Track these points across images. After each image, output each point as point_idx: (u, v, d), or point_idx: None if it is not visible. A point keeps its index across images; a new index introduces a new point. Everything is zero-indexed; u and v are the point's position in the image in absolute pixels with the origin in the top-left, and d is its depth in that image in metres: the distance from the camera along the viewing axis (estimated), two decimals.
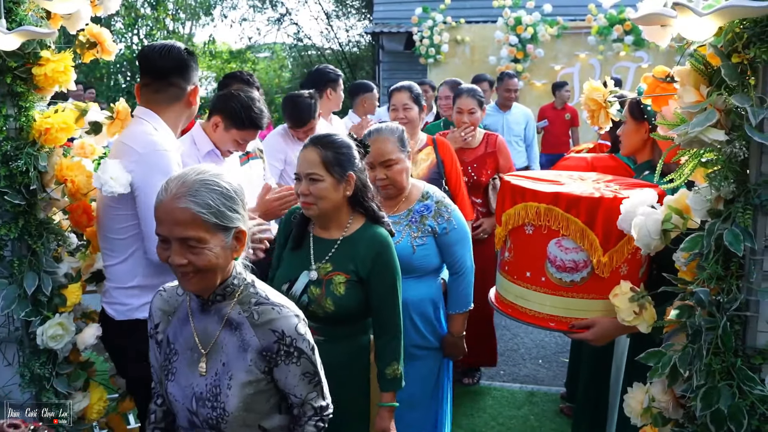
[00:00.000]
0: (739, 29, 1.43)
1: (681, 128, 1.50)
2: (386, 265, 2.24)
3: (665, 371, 1.63)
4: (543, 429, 3.79)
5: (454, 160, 3.73)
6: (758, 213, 1.48)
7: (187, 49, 2.42)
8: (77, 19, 2.21)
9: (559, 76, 10.06)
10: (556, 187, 2.10)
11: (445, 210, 2.71)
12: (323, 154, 2.18)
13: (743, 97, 1.41)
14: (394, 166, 2.62)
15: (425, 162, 3.66)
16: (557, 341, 5.02)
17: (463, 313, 2.80)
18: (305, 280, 2.24)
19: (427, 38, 10.77)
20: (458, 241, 2.73)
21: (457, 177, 3.69)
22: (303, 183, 2.20)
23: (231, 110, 2.84)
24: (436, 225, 2.67)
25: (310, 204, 2.20)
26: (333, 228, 2.28)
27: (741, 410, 1.47)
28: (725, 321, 1.50)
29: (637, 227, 1.73)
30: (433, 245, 2.70)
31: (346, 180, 2.20)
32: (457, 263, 2.76)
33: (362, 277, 2.21)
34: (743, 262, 1.50)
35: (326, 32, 24.64)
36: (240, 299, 1.64)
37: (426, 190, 2.76)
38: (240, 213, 1.59)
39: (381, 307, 2.26)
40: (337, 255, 2.25)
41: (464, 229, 2.76)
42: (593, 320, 2.07)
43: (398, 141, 2.64)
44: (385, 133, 2.63)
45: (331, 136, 2.28)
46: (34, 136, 2.12)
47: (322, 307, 2.20)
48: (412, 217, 2.70)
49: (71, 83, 2.21)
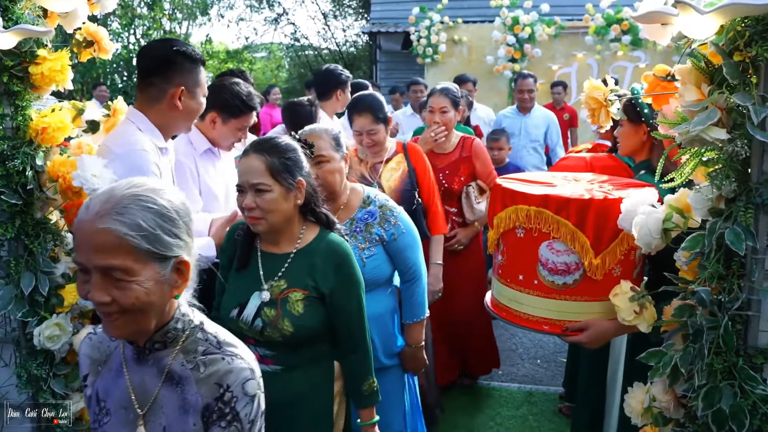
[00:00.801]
0: (741, 27, 1.42)
1: (682, 127, 1.49)
2: (349, 276, 2.05)
3: (666, 371, 1.62)
4: (541, 429, 3.79)
5: (427, 167, 3.48)
6: (760, 212, 1.47)
7: (178, 48, 2.34)
8: (74, 18, 2.20)
9: (557, 75, 10.07)
10: (547, 189, 2.09)
11: (391, 214, 2.52)
12: (268, 161, 1.96)
13: (745, 96, 1.41)
14: (325, 165, 2.39)
15: (396, 172, 3.39)
16: (555, 341, 5.01)
17: (419, 321, 2.64)
18: (257, 302, 2.03)
19: (424, 38, 10.76)
20: (408, 246, 2.56)
21: (430, 187, 3.45)
22: (248, 195, 1.98)
23: (224, 102, 2.85)
24: (383, 232, 2.49)
25: (257, 218, 1.98)
26: (284, 241, 2.08)
27: (743, 410, 1.47)
28: (727, 320, 1.49)
29: (637, 226, 1.72)
30: (383, 254, 2.52)
31: (297, 187, 2.01)
32: (409, 269, 2.59)
33: (323, 293, 2.01)
34: (745, 262, 1.50)
35: (323, 32, 24.65)
36: (184, 347, 1.34)
37: (367, 194, 2.56)
38: (182, 239, 1.28)
39: (349, 323, 2.07)
40: (291, 270, 2.04)
41: (412, 233, 2.58)
42: (587, 323, 2.06)
43: (332, 140, 2.43)
44: (318, 130, 2.44)
45: (274, 139, 2.06)
46: (31, 135, 2.10)
47: (279, 329, 1.98)
48: (356, 227, 2.51)
49: (68, 82, 2.20)
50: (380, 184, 3.29)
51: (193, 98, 2.39)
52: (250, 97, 2.91)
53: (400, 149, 3.45)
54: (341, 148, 2.45)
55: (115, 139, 2.27)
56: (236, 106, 2.87)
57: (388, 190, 3.27)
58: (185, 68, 2.34)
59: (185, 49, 2.36)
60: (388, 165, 3.39)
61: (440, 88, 3.87)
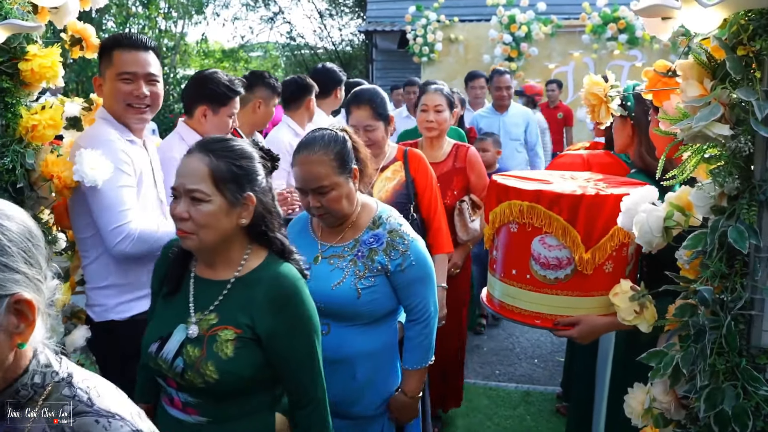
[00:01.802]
0: (745, 21, 1.39)
1: (684, 123, 1.47)
2: (296, 318, 1.68)
3: (667, 371, 1.59)
4: (539, 429, 3.77)
5: (430, 178, 3.06)
6: (763, 209, 1.44)
7: (117, 35, 2.42)
8: (65, 13, 2.16)
9: (553, 74, 10.08)
10: (540, 185, 2.09)
11: (401, 241, 2.15)
12: (214, 165, 1.63)
13: (748, 91, 1.38)
14: (330, 193, 2.06)
15: (391, 182, 2.98)
16: (553, 340, 5.00)
17: (421, 369, 2.26)
18: (180, 336, 1.67)
19: (420, 37, 10.77)
20: (418, 280, 2.19)
21: (431, 200, 3.03)
22: (181, 202, 1.63)
23: (211, 93, 2.88)
24: (387, 261, 2.13)
25: (188, 233, 1.63)
26: (221, 265, 1.72)
27: (746, 411, 1.44)
28: (729, 320, 1.46)
29: (638, 225, 1.69)
30: (385, 286, 2.16)
31: (243, 203, 1.66)
32: (416, 308, 2.22)
33: (259, 335, 1.65)
34: (748, 260, 1.47)
35: (319, 31, 24.64)
36: (49, 405, 1.06)
37: (379, 214, 2.21)
38: (23, 272, 1.00)
39: (295, 374, 1.71)
40: (226, 302, 1.68)
41: (426, 265, 2.21)
42: (578, 318, 2.05)
43: (336, 159, 2.05)
44: (317, 150, 2.04)
45: (227, 140, 1.72)
46: (21, 133, 2.07)
47: (201, 374, 1.61)
48: (359, 251, 2.15)
49: (59, 79, 2.16)
50: (371, 194, 2.87)
51: (105, 83, 2.38)
52: (233, 82, 2.95)
53: (400, 156, 3.07)
54: (348, 165, 2.10)
55: (84, 134, 2.35)
56: (223, 94, 2.90)
57: None
58: (105, 56, 2.38)
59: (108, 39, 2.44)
60: (383, 174, 3.00)
61: (435, 86, 3.57)
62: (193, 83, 2.98)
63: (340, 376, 2.12)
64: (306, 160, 2.05)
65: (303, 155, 2.06)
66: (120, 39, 2.38)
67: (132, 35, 2.40)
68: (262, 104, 3.51)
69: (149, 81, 2.37)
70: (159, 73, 2.42)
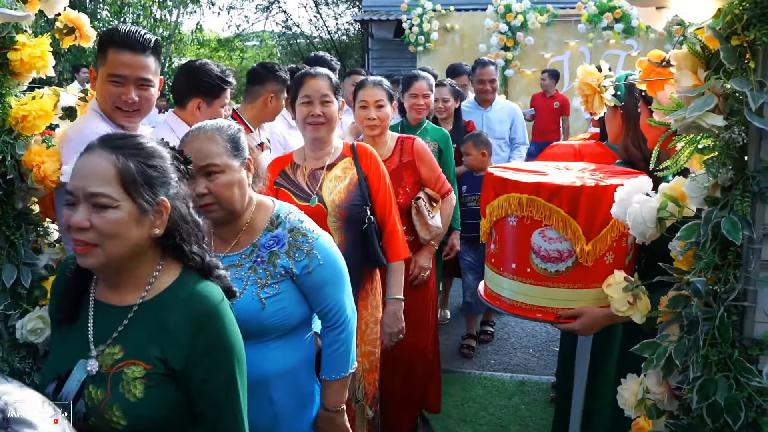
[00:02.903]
0: (739, 10, 1.38)
1: (678, 113, 1.46)
2: (215, 347, 1.45)
3: (660, 362, 1.59)
4: (533, 418, 3.78)
5: (381, 174, 2.75)
6: (757, 201, 1.44)
7: (115, 30, 2.32)
8: (55, 2, 2.14)
9: (549, 63, 10.06)
10: (539, 177, 2.08)
11: (304, 240, 1.92)
12: (122, 165, 1.39)
13: (742, 81, 1.37)
14: (220, 176, 1.83)
15: (341, 181, 2.67)
16: (548, 330, 5.01)
17: (341, 378, 2.03)
18: (80, 375, 1.41)
19: (416, 26, 10.72)
20: (328, 282, 1.96)
21: (386, 201, 2.74)
22: (80, 208, 1.36)
23: (205, 86, 2.86)
24: (291, 264, 1.90)
25: (88, 247, 1.37)
26: (126, 287, 1.46)
27: (738, 402, 1.44)
28: (722, 311, 1.46)
29: (631, 215, 1.69)
30: (292, 292, 1.93)
31: (156, 210, 1.43)
32: (330, 312, 1.99)
33: (174, 369, 1.41)
34: (741, 251, 1.47)
35: (315, 20, 24.53)
36: None
37: (276, 213, 1.98)
38: None
39: (216, 407, 1.47)
40: (131, 332, 1.43)
41: (334, 264, 1.99)
42: (580, 310, 2.05)
43: (229, 141, 1.87)
44: (209, 129, 1.87)
45: (135, 137, 1.48)
46: (11, 123, 2.05)
47: (107, 420, 1.37)
48: (258, 256, 1.92)
49: (50, 69, 2.14)
50: (321, 196, 2.64)
51: (103, 80, 2.30)
52: (225, 72, 2.94)
53: (348, 152, 2.75)
54: (241, 153, 1.90)
55: (73, 126, 2.31)
56: (217, 86, 2.88)
57: (331, 206, 2.62)
58: (101, 51, 2.31)
59: (104, 32, 2.37)
60: (331, 172, 2.69)
61: (372, 80, 3.25)
62: (184, 75, 2.93)
63: (255, 401, 1.74)
64: (195, 137, 1.85)
65: (193, 134, 1.87)
66: (116, 36, 2.27)
67: (131, 33, 2.27)
68: (273, 98, 3.47)
69: (140, 86, 2.28)
70: (155, 75, 2.32)
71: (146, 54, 2.28)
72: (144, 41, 2.27)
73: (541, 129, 8.73)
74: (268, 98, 3.45)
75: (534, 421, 3.76)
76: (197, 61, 2.98)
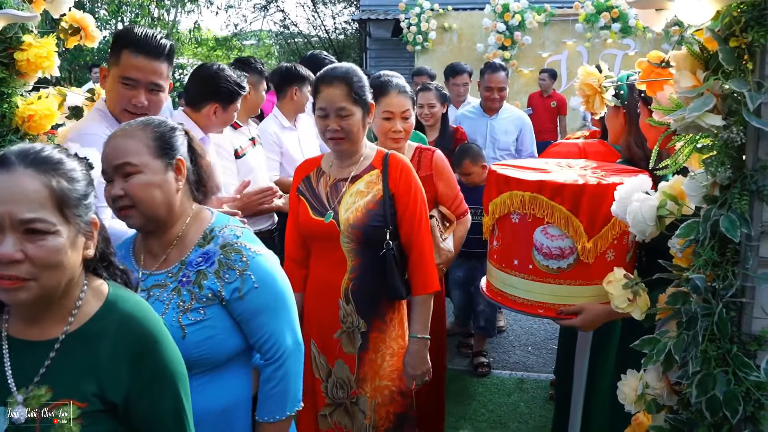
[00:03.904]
0: (737, 12, 1.41)
1: (677, 113, 1.48)
2: (158, 374, 1.31)
3: (660, 358, 1.62)
4: (533, 416, 3.81)
5: (413, 193, 2.35)
6: (755, 199, 1.46)
7: (120, 32, 2.35)
8: (60, 3, 2.17)
9: (547, 63, 10.10)
10: (541, 175, 2.11)
11: (237, 258, 1.65)
12: (55, 185, 1.22)
13: (740, 82, 1.40)
14: (136, 177, 1.60)
15: (363, 197, 2.32)
16: (546, 328, 5.04)
17: (276, 422, 1.74)
18: (2, 424, 1.24)
19: (414, 25, 10.75)
20: (265, 308, 1.68)
21: (413, 221, 2.34)
22: (8, 238, 1.17)
23: (224, 92, 2.88)
24: (220, 286, 1.62)
25: (18, 282, 1.18)
26: (49, 318, 1.28)
27: (736, 397, 1.46)
28: (721, 307, 1.49)
29: (631, 214, 1.71)
30: (222, 319, 1.65)
31: (89, 230, 1.30)
32: (266, 344, 1.70)
33: (114, 402, 1.26)
34: (739, 249, 1.49)
35: (313, 19, 24.53)
36: None
37: (212, 225, 1.71)
38: None
39: None
40: (58, 368, 1.25)
41: (274, 287, 1.71)
42: (581, 306, 2.08)
43: (154, 140, 1.64)
44: (134, 126, 1.67)
45: (45, 149, 1.28)
46: (17, 123, 2.08)
47: None
48: (185, 275, 1.65)
49: (55, 69, 2.17)
50: (337, 212, 2.32)
51: (114, 81, 2.26)
52: (241, 78, 2.98)
53: (378, 163, 2.38)
54: (169, 153, 1.65)
55: (76, 126, 2.32)
56: (235, 92, 2.92)
57: (344, 225, 2.29)
58: (114, 51, 2.28)
59: (120, 31, 2.37)
60: (354, 185, 2.35)
61: (396, 84, 2.88)
62: (201, 79, 2.93)
63: None
64: (116, 134, 1.65)
65: (117, 131, 1.67)
66: (132, 38, 2.24)
67: (147, 37, 2.25)
68: (252, 90, 3.50)
69: (151, 90, 2.28)
70: (166, 80, 2.32)
71: (160, 60, 2.27)
72: (159, 47, 2.26)
73: (538, 128, 8.72)
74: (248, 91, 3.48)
75: (533, 418, 3.78)
76: (213, 66, 2.98)
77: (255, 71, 3.52)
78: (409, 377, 2.40)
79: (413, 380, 2.40)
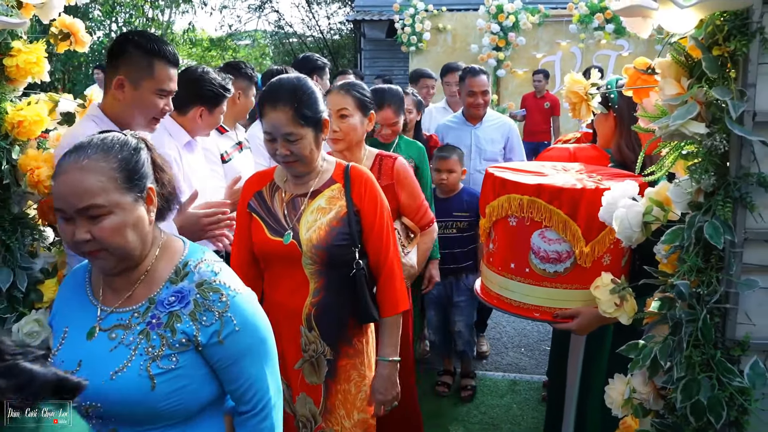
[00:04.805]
0: (720, 21, 1.43)
1: (662, 121, 1.50)
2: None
3: (646, 363, 1.63)
4: (525, 417, 3.82)
5: (379, 207, 2.20)
6: (738, 206, 1.48)
7: (133, 38, 2.27)
8: (50, 8, 2.16)
9: (541, 64, 10.12)
10: (539, 178, 2.11)
11: (216, 298, 1.45)
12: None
13: (724, 90, 1.41)
14: (107, 219, 1.38)
15: (326, 214, 2.15)
16: (539, 329, 5.05)
17: None
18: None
19: (408, 26, 10.76)
20: (247, 353, 1.49)
21: (381, 239, 2.20)
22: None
23: (209, 95, 2.89)
24: (196, 331, 1.43)
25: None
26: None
27: (720, 402, 1.48)
28: (705, 313, 1.51)
29: (618, 219, 1.73)
30: (196, 367, 1.45)
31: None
32: (248, 392, 1.52)
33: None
34: (723, 255, 1.51)
35: (307, 20, 24.52)
36: None
37: (185, 259, 1.52)
38: None
39: None
40: None
41: (256, 331, 1.51)
42: (577, 310, 2.09)
43: (120, 170, 1.41)
44: (92, 153, 1.40)
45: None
46: (7, 128, 2.08)
47: None
48: (153, 316, 1.45)
49: (45, 74, 2.17)
50: (297, 231, 2.14)
51: (135, 89, 2.20)
52: (226, 80, 2.98)
53: (339, 176, 2.20)
54: (138, 181, 1.44)
55: (68, 132, 2.28)
56: (220, 95, 2.92)
57: (306, 245, 2.11)
58: (133, 58, 2.21)
59: (139, 39, 2.25)
60: (314, 201, 2.17)
61: (342, 84, 2.78)
62: (186, 82, 2.89)
63: None
64: (71, 167, 1.38)
65: (68, 162, 1.39)
66: (163, 51, 2.23)
67: (174, 50, 2.31)
68: (241, 95, 3.50)
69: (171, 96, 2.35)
70: None
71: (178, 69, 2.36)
72: (177, 56, 2.34)
73: (532, 129, 8.80)
74: (236, 95, 3.47)
75: (525, 420, 3.79)
76: (198, 69, 2.98)
77: (244, 76, 3.52)
78: (378, 403, 2.24)
79: (381, 406, 2.25)
